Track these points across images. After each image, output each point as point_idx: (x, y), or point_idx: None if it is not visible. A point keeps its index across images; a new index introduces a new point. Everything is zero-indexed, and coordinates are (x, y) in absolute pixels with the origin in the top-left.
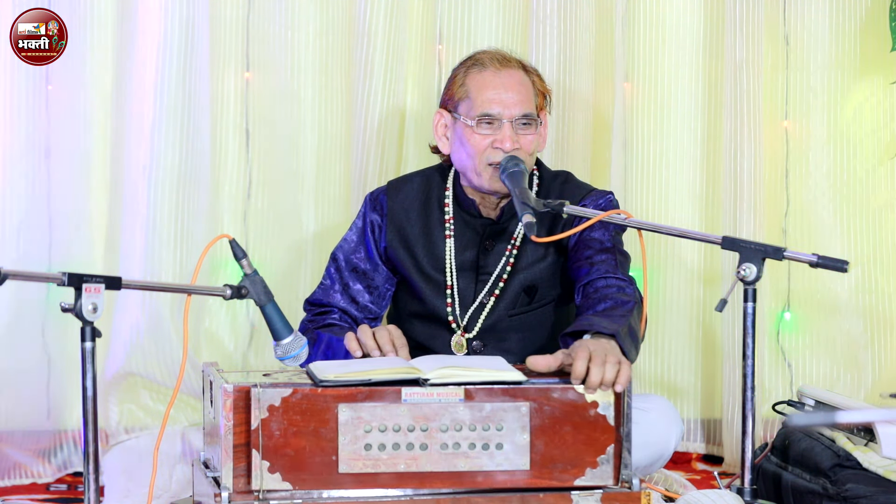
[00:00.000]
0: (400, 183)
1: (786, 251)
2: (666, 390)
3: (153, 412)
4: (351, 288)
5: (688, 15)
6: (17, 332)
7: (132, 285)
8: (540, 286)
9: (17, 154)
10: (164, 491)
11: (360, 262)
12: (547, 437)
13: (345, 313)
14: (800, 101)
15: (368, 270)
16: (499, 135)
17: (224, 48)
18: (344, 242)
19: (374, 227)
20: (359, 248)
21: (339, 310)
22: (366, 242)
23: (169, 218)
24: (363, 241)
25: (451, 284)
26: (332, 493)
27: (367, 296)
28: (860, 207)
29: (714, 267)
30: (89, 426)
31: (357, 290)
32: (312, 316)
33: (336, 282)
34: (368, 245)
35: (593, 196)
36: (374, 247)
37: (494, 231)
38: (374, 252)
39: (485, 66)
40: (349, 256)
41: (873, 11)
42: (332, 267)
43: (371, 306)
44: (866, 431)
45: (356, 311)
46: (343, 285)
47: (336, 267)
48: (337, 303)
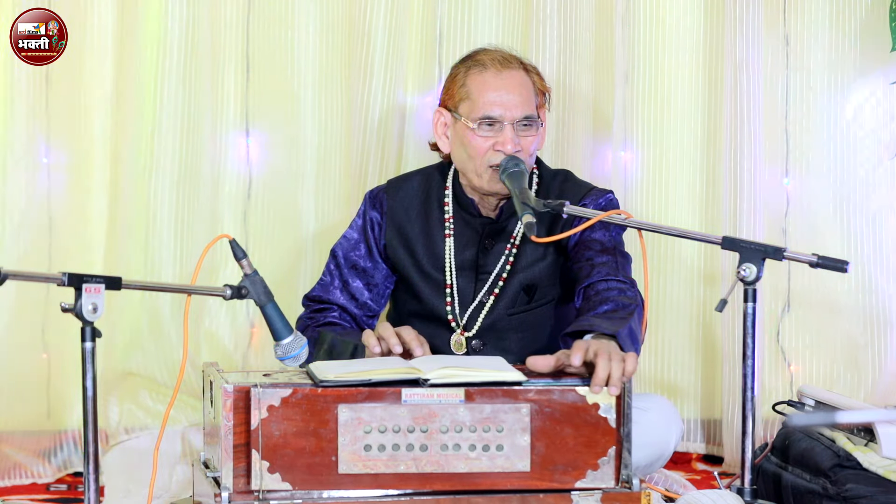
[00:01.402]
0: (400, 181)
1: (786, 251)
2: (666, 390)
3: (153, 412)
4: (350, 285)
5: (688, 15)
6: (17, 332)
7: (132, 285)
8: (539, 285)
9: (17, 154)
10: (164, 491)
11: (359, 260)
12: (547, 439)
13: (344, 310)
14: (800, 101)
15: (368, 268)
16: (500, 137)
17: (224, 48)
18: (343, 240)
19: (374, 224)
20: (358, 245)
21: (339, 307)
22: (366, 240)
23: (169, 218)
24: (363, 238)
25: (450, 283)
26: (332, 493)
27: (366, 293)
28: (860, 207)
29: (714, 267)
30: (89, 426)
31: (356, 287)
32: (311, 312)
33: (336, 278)
34: (369, 242)
35: (593, 195)
36: (374, 244)
37: (494, 230)
38: (375, 249)
39: (486, 68)
40: (349, 254)
41: (873, 11)
42: (331, 263)
43: (370, 303)
44: (866, 431)
45: (355, 309)
46: (342, 282)
47: (336, 263)
48: (336, 300)
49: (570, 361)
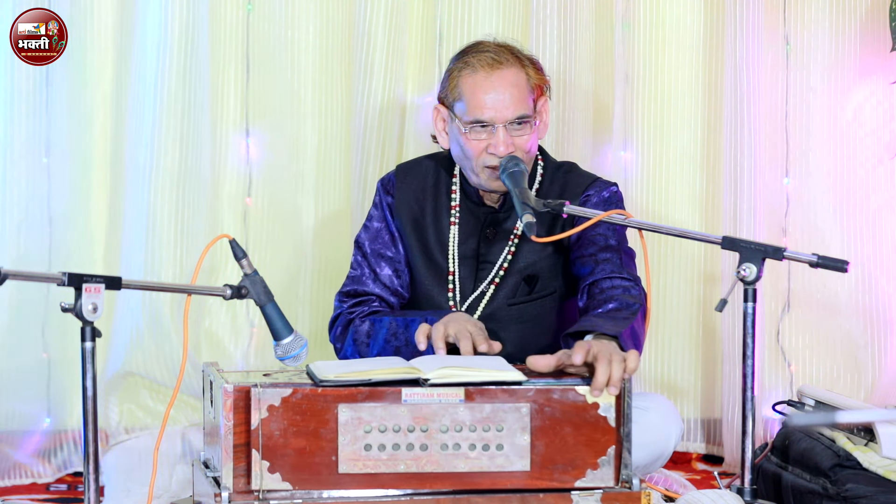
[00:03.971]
0: (410, 165)
1: (786, 251)
2: (666, 390)
3: (153, 412)
4: (380, 274)
5: (688, 15)
6: (17, 332)
7: (132, 285)
8: (540, 276)
9: (17, 154)
10: (164, 491)
11: (383, 248)
12: (547, 439)
13: (382, 300)
14: (800, 101)
15: (394, 255)
16: (493, 139)
17: (224, 48)
18: (364, 230)
19: (391, 208)
20: (381, 233)
21: (376, 296)
22: (387, 226)
23: (169, 218)
24: (384, 225)
25: (452, 271)
26: (332, 493)
27: (395, 280)
28: (860, 207)
29: (714, 267)
30: (89, 426)
31: (386, 275)
32: (351, 307)
33: (365, 268)
34: (390, 228)
35: (597, 186)
36: (394, 230)
37: (496, 220)
38: (396, 235)
39: (476, 70)
40: (373, 244)
41: (873, 11)
42: (357, 255)
43: (401, 290)
44: (866, 431)
45: (391, 297)
46: (373, 272)
47: (362, 254)
48: (372, 290)
49: (571, 360)
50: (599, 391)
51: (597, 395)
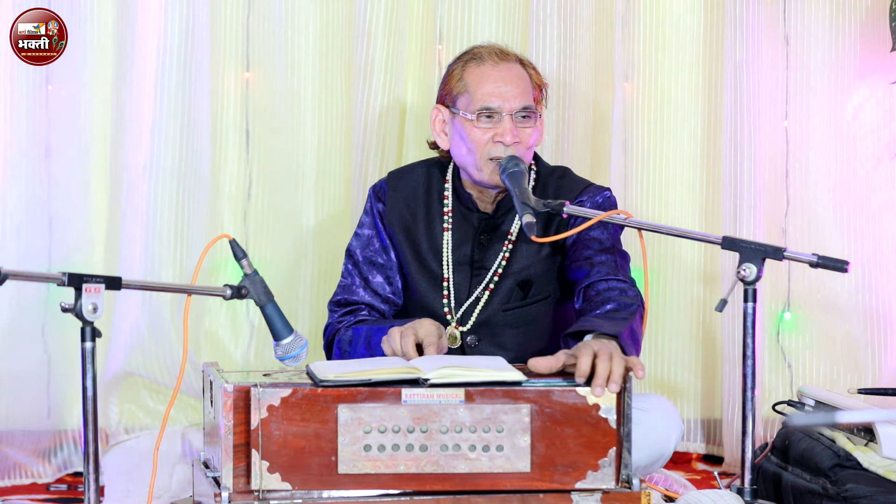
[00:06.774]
0: (402, 172)
1: (786, 251)
2: (666, 390)
3: (153, 412)
4: (371, 282)
5: (688, 15)
6: (17, 332)
7: (132, 285)
8: (535, 281)
9: (17, 154)
10: (164, 491)
11: (375, 255)
12: (547, 440)
13: (371, 308)
14: (800, 101)
15: (385, 262)
16: (499, 128)
17: (224, 48)
18: (356, 238)
19: (382, 216)
20: (372, 240)
21: (366, 305)
22: (378, 234)
23: (169, 218)
24: (375, 233)
25: (447, 277)
26: (332, 493)
27: (387, 287)
28: (860, 207)
29: (714, 267)
30: (89, 426)
31: (378, 283)
32: (340, 316)
33: (356, 277)
34: (381, 236)
35: (591, 192)
36: (385, 238)
37: (490, 225)
38: (388, 242)
39: (483, 60)
40: (365, 251)
41: (873, 11)
42: (348, 263)
43: (393, 298)
44: (866, 431)
45: (381, 304)
46: (363, 280)
47: (353, 262)
48: (361, 298)
49: (578, 366)
50: (602, 389)
51: (598, 395)
